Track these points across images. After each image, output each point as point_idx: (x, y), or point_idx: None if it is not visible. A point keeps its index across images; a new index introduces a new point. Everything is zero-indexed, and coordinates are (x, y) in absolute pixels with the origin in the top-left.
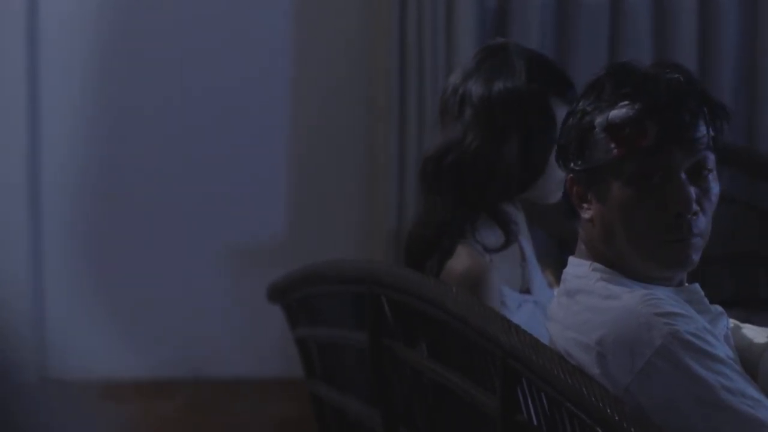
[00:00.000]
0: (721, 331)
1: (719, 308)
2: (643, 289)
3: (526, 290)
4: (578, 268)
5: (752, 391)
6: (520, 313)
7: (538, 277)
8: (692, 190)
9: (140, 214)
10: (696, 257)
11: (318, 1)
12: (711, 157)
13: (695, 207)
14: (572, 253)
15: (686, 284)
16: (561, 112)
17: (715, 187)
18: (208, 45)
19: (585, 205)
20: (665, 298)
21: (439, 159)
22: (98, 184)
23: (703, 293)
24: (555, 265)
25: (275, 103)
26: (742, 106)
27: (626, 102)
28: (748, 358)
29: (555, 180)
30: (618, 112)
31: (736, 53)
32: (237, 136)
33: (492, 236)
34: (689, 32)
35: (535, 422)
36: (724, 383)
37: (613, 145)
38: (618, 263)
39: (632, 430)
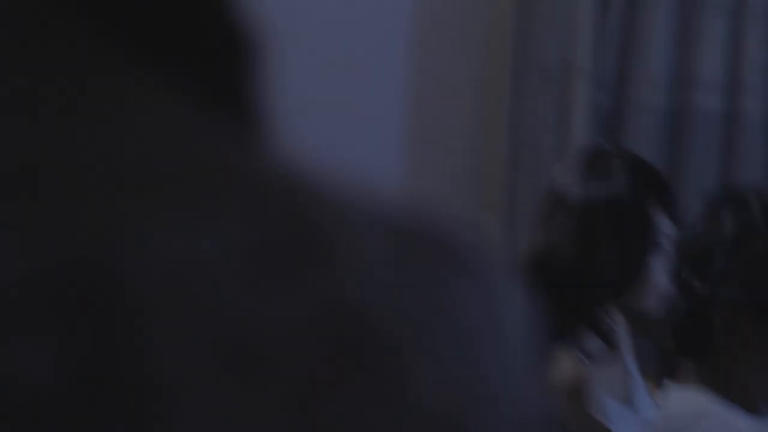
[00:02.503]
0: None
1: None
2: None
3: (629, 403)
4: (693, 403)
5: None
6: (624, 427)
7: (642, 390)
8: None
9: None
10: None
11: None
12: None
13: None
14: (672, 363)
15: None
16: (658, 218)
17: None
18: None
19: None
20: None
21: (536, 265)
22: None
23: None
24: (655, 373)
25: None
26: None
27: None
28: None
29: (652, 287)
30: None
31: None
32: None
33: (593, 344)
34: None
35: None
36: None
37: None
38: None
39: None
